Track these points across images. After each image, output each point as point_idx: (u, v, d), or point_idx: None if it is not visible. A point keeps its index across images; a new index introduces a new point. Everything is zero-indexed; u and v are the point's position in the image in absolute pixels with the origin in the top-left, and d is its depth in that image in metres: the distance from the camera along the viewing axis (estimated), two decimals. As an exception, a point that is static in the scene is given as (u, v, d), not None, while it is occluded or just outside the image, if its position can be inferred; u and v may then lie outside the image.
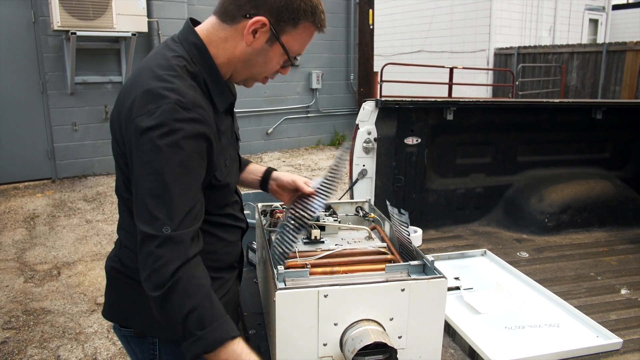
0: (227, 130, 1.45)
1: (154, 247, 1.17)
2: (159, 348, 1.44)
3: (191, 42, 1.34)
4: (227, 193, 1.45)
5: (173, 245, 1.18)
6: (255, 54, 1.34)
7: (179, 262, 1.18)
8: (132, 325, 1.44)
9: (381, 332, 1.38)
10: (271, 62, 1.37)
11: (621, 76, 10.54)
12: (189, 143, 1.21)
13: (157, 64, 1.28)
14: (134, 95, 1.23)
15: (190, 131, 1.21)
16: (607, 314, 2.16)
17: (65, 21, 6.56)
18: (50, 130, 7.33)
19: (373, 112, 2.84)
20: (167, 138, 1.18)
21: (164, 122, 1.18)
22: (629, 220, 3.32)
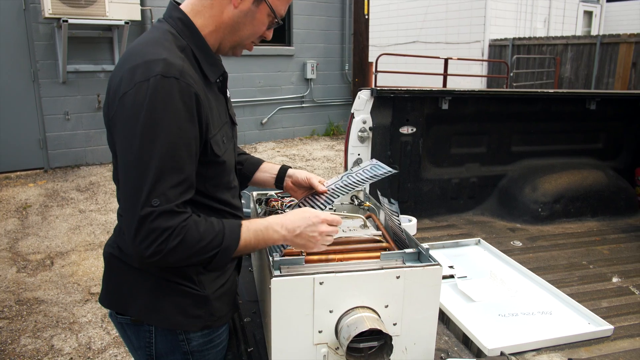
0: (221, 109, 1.46)
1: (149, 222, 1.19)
2: (155, 336, 1.44)
3: (176, 18, 1.37)
4: (225, 172, 1.45)
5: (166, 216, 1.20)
6: (243, 16, 1.37)
7: (176, 224, 1.21)
8: (128, 313, 1.44)
9: (376, 319, 1.39)
10: (258, 24, 1.40)
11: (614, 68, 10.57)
12: (177, 105, 1.22)
13: (144, 42, 1.30)
14: (121, 74, 1.25)
15: (177, 95, 1.22)
16: (598, 302, 2.18)
17: (57, 8, 6.49)
18: (42, 120, 7.27)
19: (368, 101, 2.84)
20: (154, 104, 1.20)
21: (151, 92, 1.19)
22: (621, 210, 3.34)
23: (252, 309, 1.96)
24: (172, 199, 1.21)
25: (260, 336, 1.77)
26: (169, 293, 1.39)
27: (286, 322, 1.38)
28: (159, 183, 1.20)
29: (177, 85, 1.22)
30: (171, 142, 1.21)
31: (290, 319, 1.38)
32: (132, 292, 1.42)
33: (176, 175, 1.23)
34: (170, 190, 1.21)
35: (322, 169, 7.88)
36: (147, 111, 1.19)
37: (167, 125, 1.20)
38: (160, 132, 1.20)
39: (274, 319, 1.37)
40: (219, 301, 1.47)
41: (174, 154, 1.21)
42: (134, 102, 1.20)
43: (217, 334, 1.50)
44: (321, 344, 1.43)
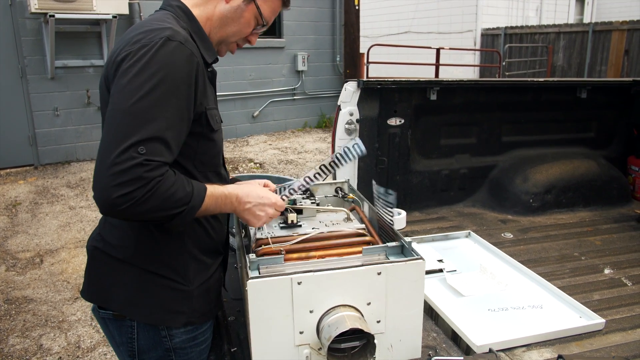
0: (213, 94, 1.48)
1: (129, 167, 1.15)
2: (137, 332, 1.42)
3: (175, 6, 1.42)
4: (214, 151, 1.47)
5: (150, 167, 1.17)
6: (232, 12, 1.43)
7: (156, 175, 1.18)
8: (111, 307, 1.42)
9: (358, 317, 1.35)
10: (244, 23, 1.45)
11: (607, 56, 10.54)
12: (179, 64, 1.25)
13: (147, 20, 1.36)
14: (124, 44, 1.27)
15: (180, 55, 1.25)
16: (590, 294, 2.15)
17: (43, 3, 6.40)
18: (31, 116, 7.18)
19: (355, 93, 2.79)
20: (157, 59, 1.21)
21: (155, 50, 1.22)
22: (613, 200, 3.31)
23: (236, 307, 1.92)
24: (158, 153, 1.18)
25: (244, 336, 1.73)
26: (152, 287, 1.38)
27: (265, 324, 1.34)
28: (146, 132, 1.17)
29: (181, 48, 1.26)
30: (167, 99, 1.21)
31: (269, 320, 1.34)
32: (114, 285, 1.40)
33: (166, 129, 1.21)
34: (159, 143, 1.19)
35: (314, 161, 7.83)
36: (148, 63, 1.20)
37: (166, 79, 1.21)
38: (158, 86, 1.20)
39: (252, 321, 1.33)
40: (203, 297, 1.45)
41: (168, 110, 1.22)
42: (135, 55, 1.21)
43: (201, 331, 1.48)
44: (303, 345, 1.39)
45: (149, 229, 1.36)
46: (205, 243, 1.46)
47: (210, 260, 1.49)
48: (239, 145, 8.83)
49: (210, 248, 1.49)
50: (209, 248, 1.49)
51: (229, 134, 9.18)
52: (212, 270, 1.49)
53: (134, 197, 1.15)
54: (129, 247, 1.37)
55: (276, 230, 1.63)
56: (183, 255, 1.40)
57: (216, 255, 1.54)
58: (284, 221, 1.66)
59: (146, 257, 1.37)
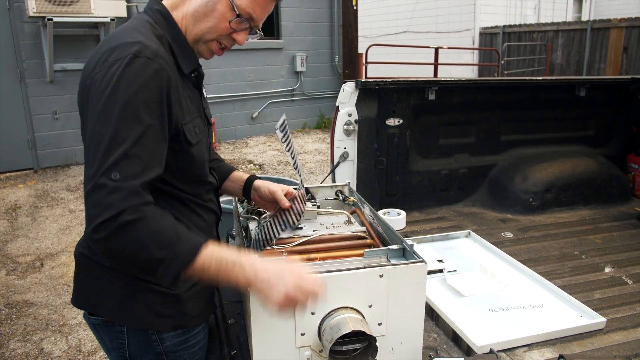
0: (194, 102, 1.43)
1: (102, 196, 1.11)
2: (128, 337, 1.41)
3: (155, 9, 1.38)
4: (195, 164, 1.40)
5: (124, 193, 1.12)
6: (203, 5, 1.34)
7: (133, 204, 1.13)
8: (100, 313, 1.41)
9: (359, 320, 1.35)
10: (219, 17, 1.34)
11: (606, 53, 10.54)
12: (147, 83, 1.19)
13: (120, 30, 1.31)
14: (96, 58, 1.24)
15: (147, 73, 1.20)
16: (591, 293, 2.15)
17: (41, 7, 6.40)
18: (31, 120, 7.19)
19: (353, 94, 2.79)
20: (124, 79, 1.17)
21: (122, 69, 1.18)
22: (613, 198, 3.31)
23: (236, 309, 1.92)
24: (132, 176, 1.14)
25: (244, 338, 1.73)
26: (140, 292, 1.36)
27: (267, 325, 1.34)
28: (119, 157, 1.13)
29: (149, 64, 1.20)
30: (137, 118, 1.17)
31: (270, 322, 1.34)
32: (102, 291, 1.39)
33: (141, 152, 1.17)
34: (131, 166, 1.15)
35: (314, 162, 7.84)
36: (116, 86, 1.17)
37: (134, 101, 1.17)
38: (127, 106, 1.16)
39: (253, 323, 1.33)
40: (193, 300, 1.43)
41: (139, 130, 1.17)
42: (104, 78, 1.18)
43: (193, 333, 1.46)
44: (304, 346, 1.39)
45: None
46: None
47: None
48: (238, 147, 8.83)
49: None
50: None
51: (229, 135, 9.18)
52: None
53: (107, 228, 1.11)
54: None
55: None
56: None
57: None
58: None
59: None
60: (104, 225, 1.11)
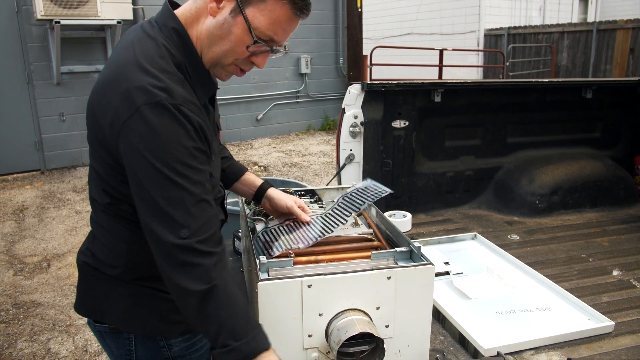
0: (211, 123, 1.38)
1: (186, 258, 1.13)
2: (135, 343, 1.39)
3: (171, 28, 1.23)
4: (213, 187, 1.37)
5: (205, 255, 1.14)
6: (218, 27, 1.20)
7: (214, 271, 1.15)
8: (106, 321, 1.39)
9: (367, 321, 1.35)
10: (236, 40, 1.21)
11: (612, 55, 10.50)
12: (190, 136, 1.14)
13: (141, 54, 1.17)
14: (117, 94, 1.13)
15: (187, 126, 1.14)
16: (598, 296, 2.14)
17: (49, 10, 6.44)
18: (38, 121, 7.22)
19: (359, 96, 2.79)
20: (157, 138, 1.11)
21: (155, 118, 1.10)
22: (620, 200, 3.30)
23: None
24: (200, 233, 1.15)
25: (251, 340, 1.73)
26: (146, 299, 1.35)
27: (274, 326, 1.34)
28: (184, 220, 1.13)
29: (183, 112, 1.13)
30: (183, 174, 1.14)
31: (278, 323, 1.34)
32: (108, 300, 1.37)
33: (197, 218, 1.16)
34: (200, 226, 1.15)
35: (319, 163, 7.84)
36: (147, 146, 1.11)
37: (184, 160, 1.13)
38: (181, 167, 1.13)
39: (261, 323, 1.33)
40: None
41: (195, 188, 1.15)
42: (141, 132, 1.11)
43: (200, 337, 1.45)
44: (311, 348, 1.39)
45: (139, 245, 1.27)
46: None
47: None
48: (243, 149, 8.84)
49: None
50: None
51: (233, 137, 9.20)
52: None
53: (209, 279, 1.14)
54: (118, 266, 1.33)
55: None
56: None
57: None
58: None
59: (137, 273, 1.33)
60: (202, 279, 1.14)
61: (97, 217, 1.38)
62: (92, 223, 1.41)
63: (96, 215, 1.38)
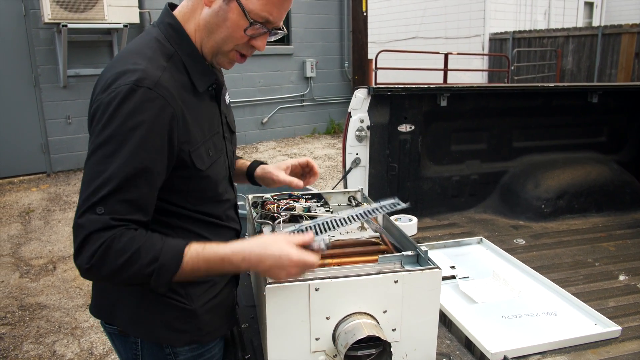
0: (212, 119, 1.40)
1: (84, 220, 1.14)
2: (142, 348, 1.40)
3: (167, 23, 1.32)
4: (210, 186, 1.38)
5: (106, 228, 1.14)
6: (214, 15, 1.26)
7: (108, 235, 1.14)
8: (115, 323, 1.41)
9: (374, 325, 1.35)
10: (232, 26, 1.26)
11: (617, 59, 10.49)
12: (144, 118, 1.16)
13: (128, 51, 1.27)
14: (102, 82, 1.23)
15: (146, 107, 1.17)
16: (605, 301, 2.13)
17: (56, 14, 6.49)
18: (44, 124, 7.27)
19: (365, 100, 2.80)
20: (121, 113, 1.15)
21: (120, 101, 1.15)
22: (626, 205, 3.29)
23: (249, 314, 1.93)
24: (118, 212, 1.15)
25: (258, 342, 1.74)
26: (154, 305, 1.35)
27: (282, 329, 1.35)
28: (108, 192, 1.14)
29: (148, 94, 1.17)
30: (131, 155, 1.15)
31: (286, 326, 1.35)
32: (118, 302, 1.39)
33: (127, 192, 1.16)
34: (119, 203, 1.15)
35: (324, 167, 7.85)
36: (112, 119, 1.15)
37: (129, 137, 1.15)
38: (123, 143, 1.15)
39: (269, 327, 1.34)
40: (209, 315, 1.42)
41: (130, 167, 1.15)
42: (104, 110, 1.16)
43: (207, 348, 1.45)
44: (319, 351, 1.40)
45: None
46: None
47: (217, 278, 1.45)
48: (248, 152, 8.87)
49: None
50: None
51: (239, 140, 9.22)
52: (218, 288, 1.45)
53: (92, 257, 1.13)
54: None
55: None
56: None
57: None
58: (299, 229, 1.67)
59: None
60: (90, 261, 1.13)
61: None
62: None
63: None
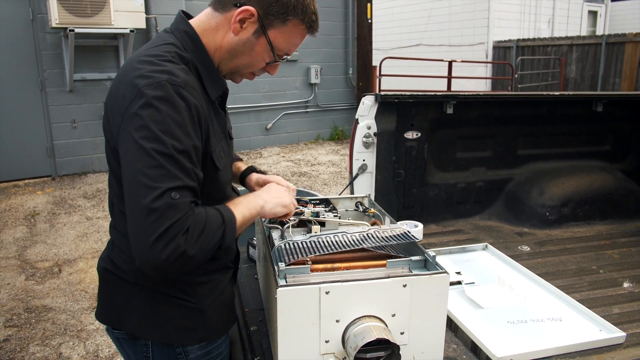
0: (220, 124, 1.44)
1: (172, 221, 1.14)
2: (152, 350, 1.42)
3: (183, 31, 1.36)
4: (219, 188, 1.43)
5: (175, 209, 1.15)
6: (241, 44, 1.35)
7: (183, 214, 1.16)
8: (124, 328, 1.42)
9: (383, 328, 1.38)
10: (256, 57, 1.37)
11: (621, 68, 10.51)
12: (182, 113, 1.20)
13: (146, 53, 1.28)
14: (125, 85, 1.22)
15: (181, 104, 1.20)
16: (609, 308, 2.15)
17: (63, 18, 6.54)
18: (50, 128, 7.32)
19: (373, 107, 2.83)
20: (159, 108, 1.17)
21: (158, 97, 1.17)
22: (630, 213, 3.31)
23: (258, 317, 1.95)
24: (185, 196, 1.18)
25: (266, 345, 1.76)
26: (164, 307, 1.38)
27: (292, 332, 1.37)
28: (174, 183, 1.16)
29: (181, 92, 1.20)
30: (174, 147, 1.17)
31: (296, 328, 1.37)
32: (127, 306, 1.40)
33: (178, 180, 1.18)
34: (185, 190, 1.18)
35: (328, 173, 7.87)
36: (153, 117, 1.16)
37: (172, 130, 1.17)
38: (165, 136, 1.16)
39: (280, 329, 1.36)
40: (216, 313, 1.46)
41: (177, 158, 1.17)
42: (139, 109, 1.17)
43: (216, 345, 1.49)
44: (328, 354, 1.41)
45: None
46: (214, 262, 1.45)
47: (221, 276, 1.49)
48: (252, 157, 8.90)
49: (220, 266, 1.48)
50: (219, 266, 1.48)
51: (243, 145, 9.26)
52: (223, 286, 1.50)
53: (180, 245, 1.14)
54: (137, 270, 1.33)
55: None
56: (191, 276, 1.39)
57: (226, 271, 1.53)
58: (308, 233, 1.70)
59: (156, 280, 1.35)
60: (174, 246, 1.14)
61: (115, 221, 1.42)
62: (110, 230, 1.45)
63: (114, 220, 1.43)
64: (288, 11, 1.32)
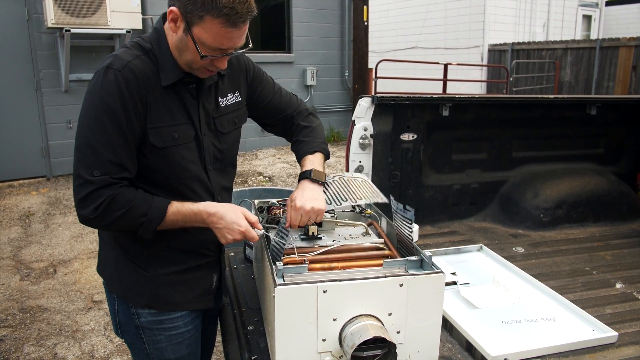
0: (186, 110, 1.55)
1: (89, 190, 1.41)
2: (117, 305, 1.64)
3: (154, 28, 1.57)
4: (172, 165, 1.54)
5: (106, 187, 1.42)
6: (180, 42, 1.47)
7: (109, 193, 1.42)
8: (104, 279, 1.69)
9: (380, 327, 1.39)
10: (192, 53, 1.45)
11: (614, 72, 10.58)
12: (113, 94, 1.40)
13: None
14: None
15: (113, 85, 1.40)
16: (602, 308, 2.18)
17: (59, 18, 6.52)
18: (45, 128, 7.29)
19: (369, 109, 2.85)
20: (94, 90, 1.43)
21: (94, 81, 1.44)
22: (623, 215, 3.34)
23: (255, 316, 1.96)
24: (109, 172, 1.41)
25: (264, 344, 1.77)
26: (124, 267, 1.61)
27: (290, 330, 1.39)
28: (95, 158, 1.41)
29: (116, 75, 1.40)
30: (106, 125, 1.40)
31: (293, 327, 1.39)
32: (105, 261, 1.68)
33: (111, 154, 1.42)
34: (107, 164, 1.41)
35: (324, 175, 7.87)
36: (88, 97, 1.43)
37: (103, 110, 1.40)
38: (98, 116, 1.41)
39: (277, 327, 1.38)
40: (170, 288, 1.62)
41: (110, 134, 1.41)
42: (86, 92, 1.46)
43: (169, 318, 1.64)
44: (325, 352, 1.43)
45: None
46: (181, 240, 1.61)
47: (184, 256, 1.64)
48: (248, 159, 8.90)
49: (183, 247, 1.63)
50: (185, 246, 1.63)
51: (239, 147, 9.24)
52: (184, 267, 1.64)
53: (101, 215, 1.41)
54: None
55: (297, 241, 1.68)
56: (151, 248, 1.58)
57: (195, 255, 1.66)
58: (305, 233, 1.71)
59: (122, 242, 1.61)
60: (96, 214, 1.42)
61: None
62: None
63: None
64: (202, 9, 1.37)
